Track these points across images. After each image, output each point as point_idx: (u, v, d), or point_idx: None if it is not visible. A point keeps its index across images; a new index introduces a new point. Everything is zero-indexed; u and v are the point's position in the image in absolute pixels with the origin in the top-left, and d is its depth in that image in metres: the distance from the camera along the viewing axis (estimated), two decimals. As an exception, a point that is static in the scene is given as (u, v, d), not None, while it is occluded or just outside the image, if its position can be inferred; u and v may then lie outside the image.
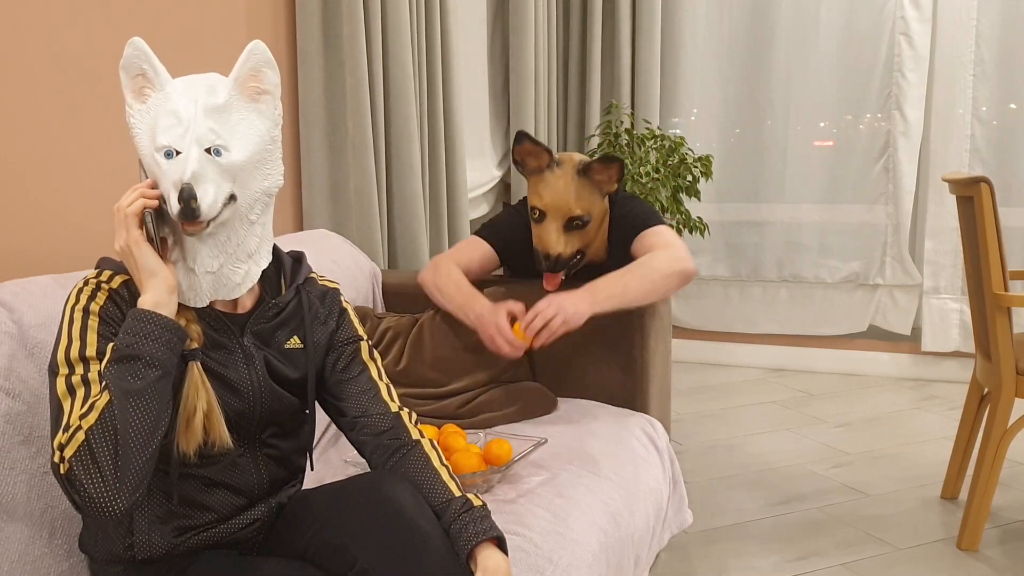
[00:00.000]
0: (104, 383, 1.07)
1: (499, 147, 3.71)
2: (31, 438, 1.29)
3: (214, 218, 1.15)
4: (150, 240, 1.15)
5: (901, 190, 3.78)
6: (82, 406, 1.07)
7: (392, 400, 1.35)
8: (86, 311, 1.15)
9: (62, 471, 1.04)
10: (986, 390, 2.50)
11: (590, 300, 1.91)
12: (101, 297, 1.17)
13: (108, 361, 1.09)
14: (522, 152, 2.09)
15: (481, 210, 3.50)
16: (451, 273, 2.11)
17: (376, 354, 1.39)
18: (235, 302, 1.27)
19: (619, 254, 2.16)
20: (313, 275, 1.39)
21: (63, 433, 1.06)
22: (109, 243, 1.89)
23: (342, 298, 1.39)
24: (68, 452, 1.04)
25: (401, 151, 2.66)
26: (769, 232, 4.07)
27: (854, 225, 3.94)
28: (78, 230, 1.83)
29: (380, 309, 2.38)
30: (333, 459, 1.81)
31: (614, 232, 2.16)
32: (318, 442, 1.91)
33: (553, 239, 2.05)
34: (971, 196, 2.26)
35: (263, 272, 1.31)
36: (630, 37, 3.97)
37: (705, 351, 4.25)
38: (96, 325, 1.14)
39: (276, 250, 1.36)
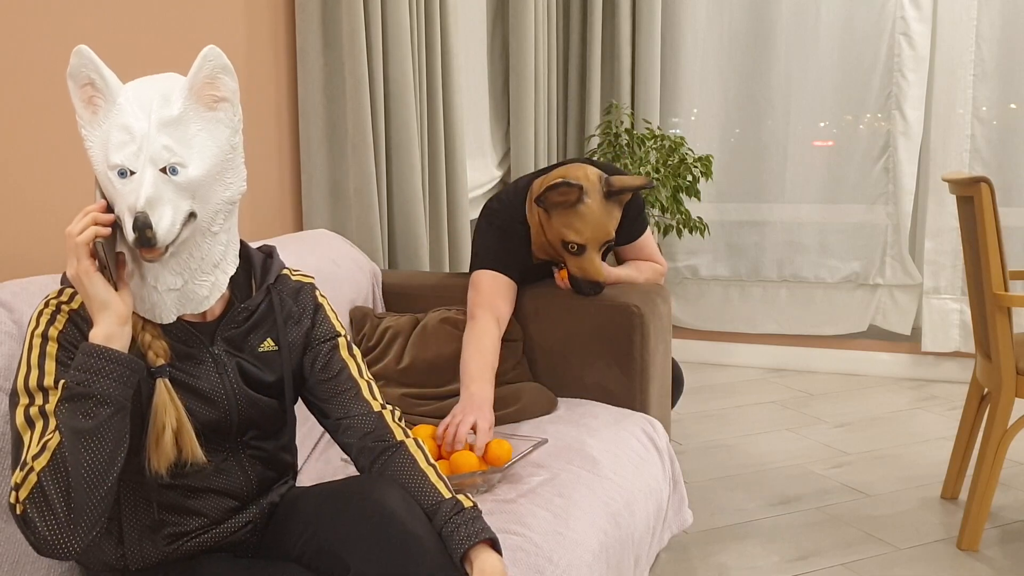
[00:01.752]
0: (55, 423, 1.04)
1: (499, 147, 3.71)
2: (31, 438, 1.29)
3: (172, 241, 1.10)
4: (103, 268, 1.10)
5: (901, 190, 3.78)
6: (38, 443, 1.05)
7: (374, 399, 1.31)
8: (44, 336, 1.12)
9: (17, 512, 1.02)
10: (986, 390, 2.50)
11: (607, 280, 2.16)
12: (60, 320, 1.13)
13: (59, 399, 1.05)
14: (555, 194, 2.01)
15: (481, 210, 3.50)
16: (482, 345, 1.97)
17: (356, 350, 1.35)
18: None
19: (623, 225, 2.25)
20: (286, 271, 1.35)
21: (19, 472, 1.03)
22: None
23: (317, 293, 1.35)
24: (22, 494, 1.02)
25: (401, 151, 2.66)
26: (769, 232, 4.07)
27: (854, 225, 3.94)
28: (78, 230, 1.83)
29: (380, 309, 2.38)
30: (333, 459, 1.81)
31: None
32: (317, 442, 1.90)
33: (598, 267, 2.06)
34: (971, 196, 2.26)
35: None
36: (630, 37, 3.97)
37: (705, 351, 4.25)
38: (55, 351, 1.11)
39: (245, 249, 1.31)
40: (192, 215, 1.13)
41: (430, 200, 2.89)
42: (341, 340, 1.34)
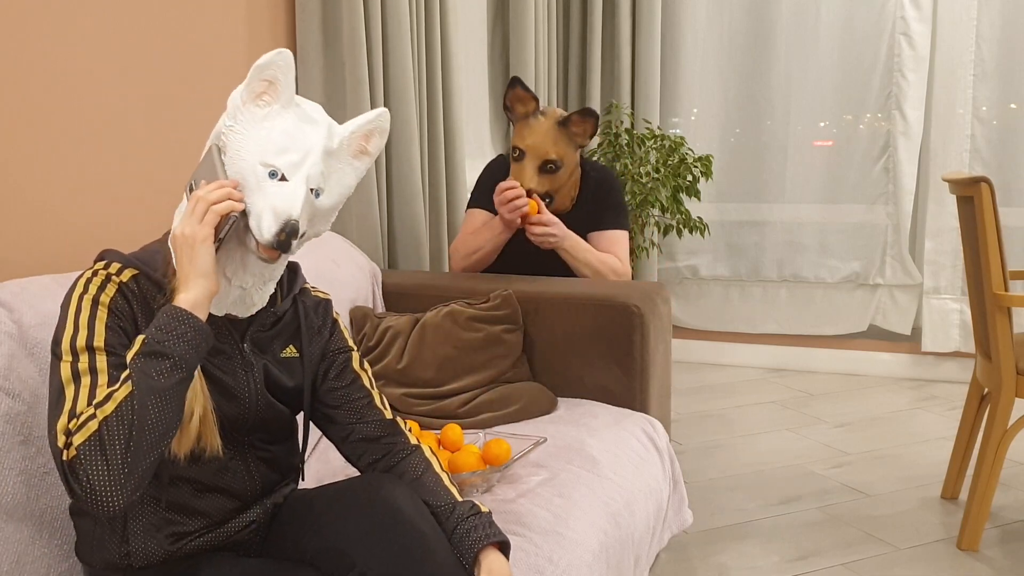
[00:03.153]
0: (127, 373, 1.06)
1: (499, 147, 3.71)
2: (31, 438, 1.29)
3: None
4: (216, 241, 1.14)
5: (901, 190, 3.78)
6: (90, 396, 1.06)
7: (385, 408, 1.36)
8: (95, 301, 1.13)
9: (65, 457, 1.02)
10: (986, 390, 2.50)
11: (567, 239, 2.35)
12: (111, 289, 1.15)
13: (136, 353, 1.07)
14: (514, 97, 2.37)
15: (481, 210, 3.50)
16: (468, 238, 2.45)
17: (367, 364, 1.39)
18: None
19: (583, 211, 2.46)
20: (307, 285, 1.39)
21: (71, 419, 1.04)
22: (109, 243, 1.89)
23: (333, 309, 1.40)
24: (77, 439, 1.02)
25: (401, 151, 2.66)
26: (769, 232, 4.07)
27: (854, 225, 3.94)
28: (78, 230, 1.83)
29: (380, 309, 2.38)
30: (333, 459, 1.81)
31: (584, 191, 2.47)
32: (317, 443, 1.91)
33: (528, 175, 2.34)
34: (971, 196, 2.26)
35: None
36: (630, 37, 3.97)
37: (705, 351, 4.25)
38: (105, 317, 1.13)
39: None
40: (303, 235, 1.20)
41: (430, 200, 2.89)
42: (354, 354, 1.38)
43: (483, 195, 2.50)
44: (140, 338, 1.08)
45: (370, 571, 1.12)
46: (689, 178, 3.58)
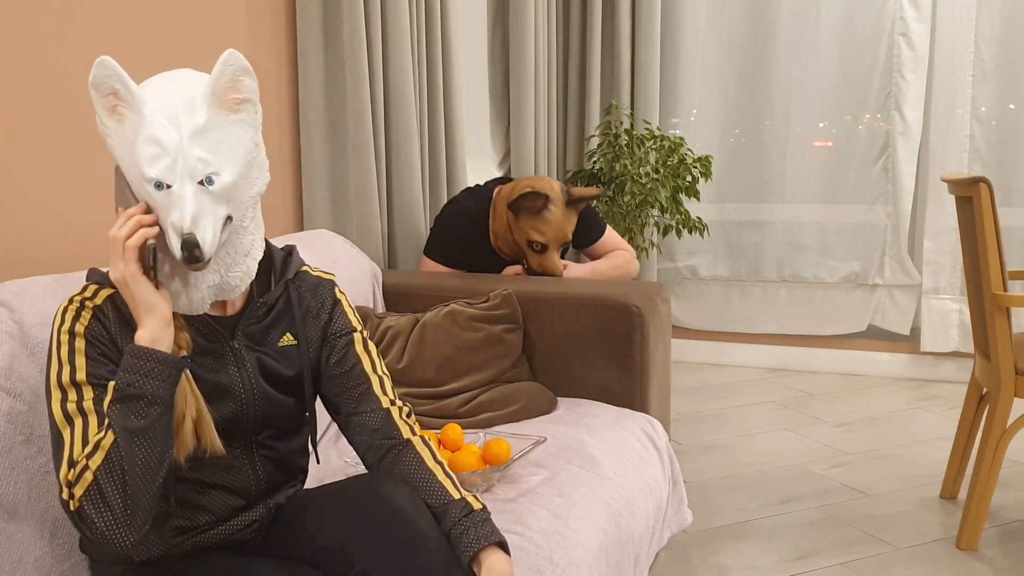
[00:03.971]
0: (107, 423, 1.07)
1: (499, 147, 3.71)
2: (32, 438, 1.30)
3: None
4: (147, 270, 1.11)
5: (900, 190, 3.79)
6: (83, 441, 1.07)
7: (384, 395, 1.31)
8: (71, 333, 1.14)
9: (72, 508, 1.05)
10: (985, 390, 2.50)
11: (587, 274, 2.55)
12: (86, 317, 1.15)
13: (111, 401, 1.08)
14: (526, 201, 2.42)
15: (481, 210, 3.50)
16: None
17: (372, 346, 1.35)
18: (224, 304, 1.26)
19: (579, 232, 2.62)
20: (306, 268, 1.36)
21: (70, 469, 1.06)
22: (108, 243, 1.89)
23: (336, 289, 1.37)
24: (78, 491, 1.05)
25: (401, 151, 2.67)
26: (769, 232, 4.08)
27: (854, 225, 3.94)
28: (78, 230, 1.83)
29: (380, 309, 2.38)
30: (333, 459, 1.81)
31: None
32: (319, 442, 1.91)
33: (557, 263, 2.49)
34: (970, 196, 2.26)
35: None
36: (630, 37, 3.97)
37: (705, 351, 4.25)
38: (83, 347, 1.13)
39: (267, 247, 1.33)
40: (228, 218, 1.15)
41: (430, 200, 2.89)
42: (357, 335, 1.34)
43: (444, 253, 2.56)
44: (111, 384, 1.09)
45: (371, 570, 1.13)
46: (688, 178, 3.58)
